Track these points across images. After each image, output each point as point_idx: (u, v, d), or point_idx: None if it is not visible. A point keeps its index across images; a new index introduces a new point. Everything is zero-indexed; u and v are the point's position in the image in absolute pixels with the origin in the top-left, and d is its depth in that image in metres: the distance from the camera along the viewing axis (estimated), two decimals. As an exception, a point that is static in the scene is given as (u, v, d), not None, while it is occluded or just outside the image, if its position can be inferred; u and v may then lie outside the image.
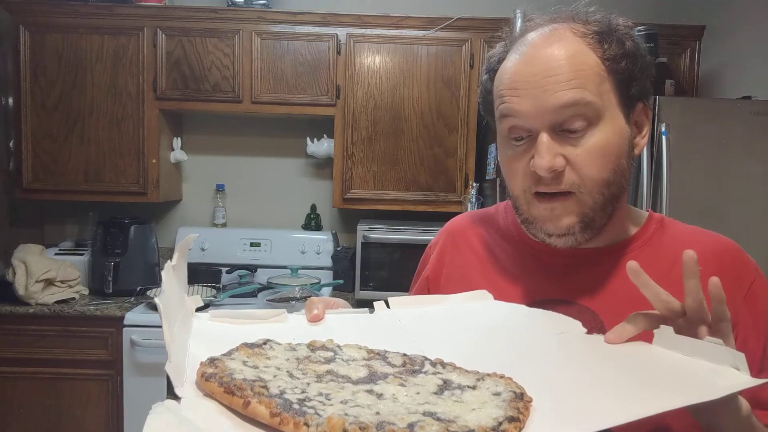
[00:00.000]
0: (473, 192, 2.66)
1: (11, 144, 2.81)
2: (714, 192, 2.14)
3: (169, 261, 0.61)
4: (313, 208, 3.17)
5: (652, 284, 0.60)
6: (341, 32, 2.75)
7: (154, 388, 2.38)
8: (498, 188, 2.41)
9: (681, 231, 0.82)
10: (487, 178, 2.67)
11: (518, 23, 2.19)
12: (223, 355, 0.56)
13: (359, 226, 2.72)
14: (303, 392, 0.50)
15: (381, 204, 2.81)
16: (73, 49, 2.73)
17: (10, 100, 2.79)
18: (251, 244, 3.01)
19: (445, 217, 1.10)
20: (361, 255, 2.69)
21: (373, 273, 2.69)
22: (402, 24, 2.75)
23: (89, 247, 2.81)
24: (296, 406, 0.46)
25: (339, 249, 2.98)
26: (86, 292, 2.68)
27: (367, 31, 2.75)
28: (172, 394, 0.50)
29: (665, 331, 0.59)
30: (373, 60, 2.76)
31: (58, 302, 2.49)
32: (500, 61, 0.77)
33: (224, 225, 3.12)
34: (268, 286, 2.69)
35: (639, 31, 2.36)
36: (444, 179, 2.79)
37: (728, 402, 0.57)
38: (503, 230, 0.88)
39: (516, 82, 0.72)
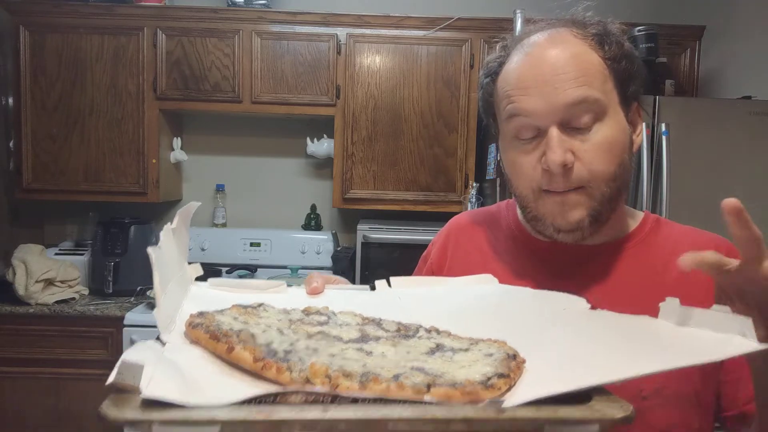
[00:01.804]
0: (473, 192, 2.66)
1: (11, 144, 2.81)
2: (714, 192, 2.13)
3: (168, 224, 0.60)
4: (313, 208, 3.17)
5: (751, 224, 0.54)
6: (341, 32, 2.75)
7: (154, 388, 2.38)
8: (498, 188, 2.41)
9: (676, 230, 0.84)
10: (487, 178, 2.67)
11: (518, 23, 2.19)
12: (215, 310, 0.55)
13: (359, 226, 2.72)
14: (291, 345, 0.48)
15: (381, 204, 2.81)
16: (73, 49, 2.72)
17: (10, 100, 2.79)
18: (251, 244, 3.01)
19: (445, 217, 1.11)
20: (361, 255, 2.69)
21: (373, 273, 2.69)
22: (402, 24, 2.75)
23: (89, 247, 2.80)
24: (281, 355, 0.45)
25: (339, 249, 2.98)
26: (86, 292, 2.68)
27: (367, 31, 2.75)
28: (159, 340, 0.50)
29: (671, 303, 0.58)
30: (373, 60, 2.76)
31: (58, 302, 2.49)
32: (501, 64, 0.78)
33: (224, 225, 3.12)
34: (268, 286, 2.69)
35: (639, 31, 2.36)
36: (444, 179, 2.79)
37: None
38: (505, 229, 0.89)
39: (524, 82, 0.73)
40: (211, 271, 2.85)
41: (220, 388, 0.42)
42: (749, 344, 0.49)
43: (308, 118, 2.99)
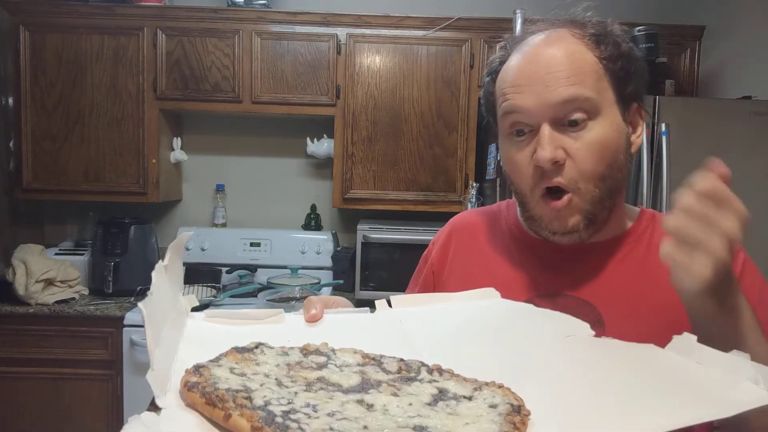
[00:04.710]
0: (473, 192, 2.66)
1: (11, 144, 2.81)
2: (714, 192, 2.14)
3: (160, 261, 0.59)
4: (313, 208, 3.17)
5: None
6: (341, 32, 2.75)
7: (154, 388, 2.38)
8: (498, 188, 2.41)
9: None
10: (487, 178, 2.67)
11: (518, 23, 2.19)
12: (210, 361, 0.55)
13: (359, 226, 2.72)
14: (289, 403, 0.48)
15: (381, 204, 2.81)
16: (73, 49, 2.72)
17: (10, 100, 2.79)
18: (251, 244, 3.01)
19: (444, 217, 1.11)
20: (361, 255, 2.69)
21: (373, 273, 2.69)
22: (402, 24, 2.75)
23: (89, 247, 2.80)
24: (279, 420, 0.44)
25: (339, 249, 2.98)
26: (86, 292, 2.68)
27: (367, 31, 2.75)
28: (154, 405, 0.49)
29: (686, 339, 0.56)
30: (373, 60, 2.76)
31: (58, 302, 2.49)
32: (502, 63, 0.81)
33: (224, 225, 3.12)
34: (268, 286, 2.69)
35: (639, 31, 2.36)
36: (444, 179, 2.79)
37: (728, 310, 0.60)
38: (505, 228, 0.91)
39: (518, 80, 0.75)
40: (211, 271, 2.85)
41: None
42: (761, 393, 0.47)
43: (308, 118, 2.99)
